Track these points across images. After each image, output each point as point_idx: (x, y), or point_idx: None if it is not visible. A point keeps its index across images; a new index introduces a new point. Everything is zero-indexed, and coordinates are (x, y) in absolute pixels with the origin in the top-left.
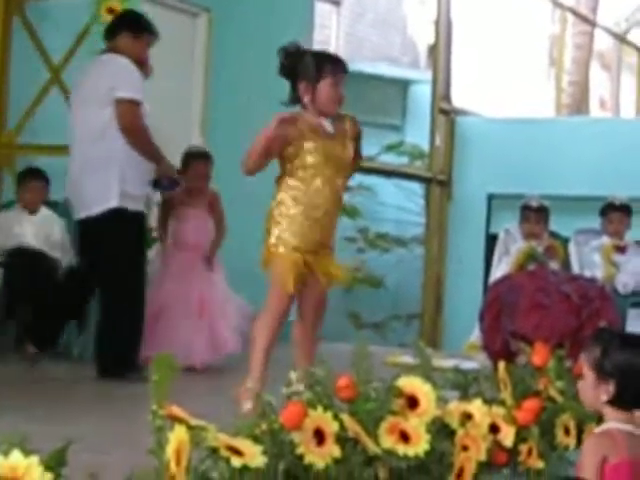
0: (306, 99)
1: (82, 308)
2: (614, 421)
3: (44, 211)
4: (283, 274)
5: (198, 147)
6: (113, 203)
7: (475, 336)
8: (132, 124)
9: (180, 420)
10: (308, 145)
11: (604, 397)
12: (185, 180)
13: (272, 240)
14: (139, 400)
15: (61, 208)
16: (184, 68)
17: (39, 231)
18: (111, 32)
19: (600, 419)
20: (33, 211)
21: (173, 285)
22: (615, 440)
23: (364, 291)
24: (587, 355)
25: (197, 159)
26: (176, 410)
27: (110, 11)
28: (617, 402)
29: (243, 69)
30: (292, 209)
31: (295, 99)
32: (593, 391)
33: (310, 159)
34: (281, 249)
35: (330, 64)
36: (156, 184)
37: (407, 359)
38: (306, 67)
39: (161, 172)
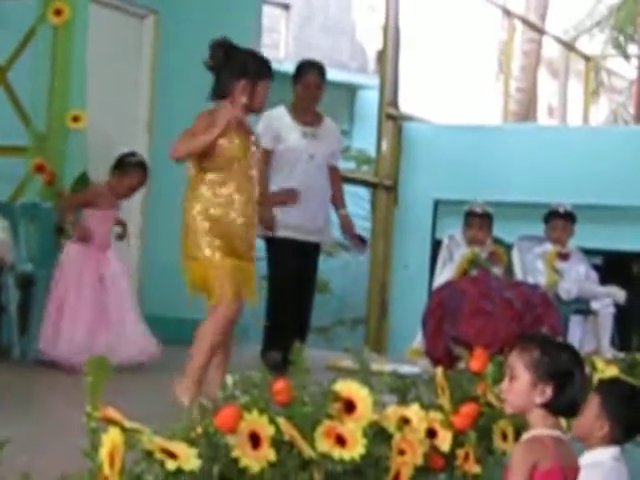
0: (242, 96)
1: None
2: (542, 427)
3: None
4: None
5: (137, 156)
6: None
7: (418, 342)
8: None
9: (114, 422)
10: (232, 139)
11: (538, 399)
12: (117, 187)
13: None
14: (74, 402)
15: (3, 208)
16: (131, 69)
17: None
18: None
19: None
20: None
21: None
22: (545, 446)
23: None
24: (522, 355)
25: (136, 169)
26: (111, 412)
27: (57, 12)
28: (551, 406)
29: (190, 71)
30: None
31: (221, 93)
32: (526, 392)
33: (230, 153)
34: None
35: (267, 67)
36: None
37: (349, 363)
38: (247, 65)
39: None
